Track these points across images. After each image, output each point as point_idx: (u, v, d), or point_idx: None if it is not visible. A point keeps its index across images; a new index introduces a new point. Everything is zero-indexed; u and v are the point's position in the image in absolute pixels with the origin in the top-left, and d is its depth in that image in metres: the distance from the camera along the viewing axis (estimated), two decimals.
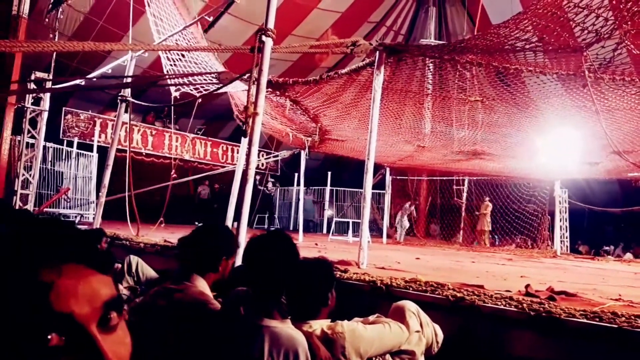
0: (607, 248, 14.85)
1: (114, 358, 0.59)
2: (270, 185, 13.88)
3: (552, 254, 10.17)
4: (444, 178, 13.84)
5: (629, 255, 13.01)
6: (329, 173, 15.36)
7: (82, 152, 12.14)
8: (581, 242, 15.14)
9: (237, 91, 8.00)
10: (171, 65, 7.60)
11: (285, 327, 1.77)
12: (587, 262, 9.03)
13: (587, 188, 13.02)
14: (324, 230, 14.77)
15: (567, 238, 11.95)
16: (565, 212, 11.66)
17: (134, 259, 4.01)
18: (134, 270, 3.91)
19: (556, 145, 6.43)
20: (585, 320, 2.31)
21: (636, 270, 6.08)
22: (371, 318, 2.29)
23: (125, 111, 7.62)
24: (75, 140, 12.36)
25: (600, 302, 2.86)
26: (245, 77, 5.49)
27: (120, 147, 8.36)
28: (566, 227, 11.78)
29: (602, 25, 3.79)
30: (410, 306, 2.37)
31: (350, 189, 16.56)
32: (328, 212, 16.07)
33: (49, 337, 0.54)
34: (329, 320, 2.13)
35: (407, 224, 13.30)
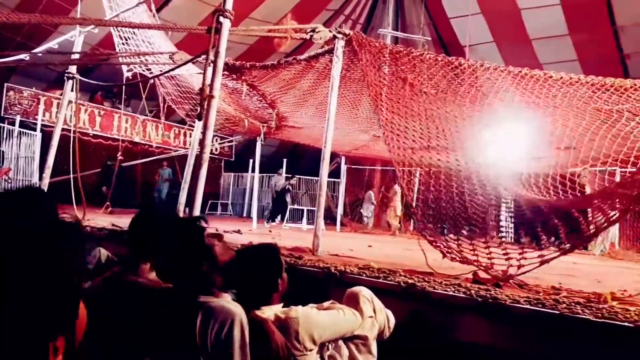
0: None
1: None
2: (293, 181, 13.80)
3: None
4: (411, 169, 14.04)
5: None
6: (284, 160, 15.30)
7: (24, 131, 11.51)
8: (523, 233, 15.83)
9: (188, 74, 7.79)
10: (123, 43, 7.31)
11: (219, 301, 1.78)
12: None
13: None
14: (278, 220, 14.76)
15: (511, 229, 12.46)
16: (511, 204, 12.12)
17: (104, 251, 3.83)
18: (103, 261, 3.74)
19: (503, 139, 6.66)
20: (528, 307, 2.43)
21: (574, 261, 6.43)
22: (325, 304, 2.31)
23: (72, 89, 7.26)
24: (18, 118, 11.69)
25: (545, 289, 3.01)
26: (201, 58, 5.36)
27: (65, 126, 7.97)
28: (511, 218, 12.26)
29: None
30: (364, 292, 2.41)
31: (306, 177, 16.57)
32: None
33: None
34: (282, 305, 2.14)
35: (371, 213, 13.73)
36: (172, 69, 6.35)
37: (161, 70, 7.21)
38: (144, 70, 7.64)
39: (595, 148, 4.61)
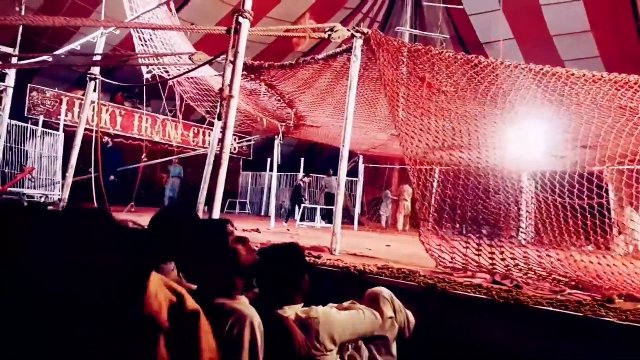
0: None
1: None
2: (306, 179, 13.77)
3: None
4: (418, 167, 13.99)
5: None
6: (302, 159, 15.31)
7: (47, 130, 11.74)
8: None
9: (207, 75, 7.86)
10: (142, 45, 7.40)
11: (233, 303, 1.79)
12: None
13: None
14: (296, 217, 14.83)
15: (531, 229, 12.29)
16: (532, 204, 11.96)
17: None
18: None
19: (525, 137, 6.57)
20: (551, 308, 2.39)
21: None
22: (345, 304, 2.31)
23: (94, 90, 7.39)
24: (41, 118, 11.92)
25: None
26: (220, 58, 5.40)
27: (87, 126, 8.11)
28: (532, 217, 12.11)
29: None
30: (384, 293, 2.41)
31: (323, 176, 16.57)
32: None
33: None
34: (302, 305, 2.15)
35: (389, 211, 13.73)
36: (191, 70, 6.41)
37: (180, 71, 7.28)
38: (162, 72, 7.73)
39: (621, 145, 4.52)
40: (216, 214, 4.03)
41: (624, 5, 11.71)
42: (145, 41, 7.35)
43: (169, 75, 7.82)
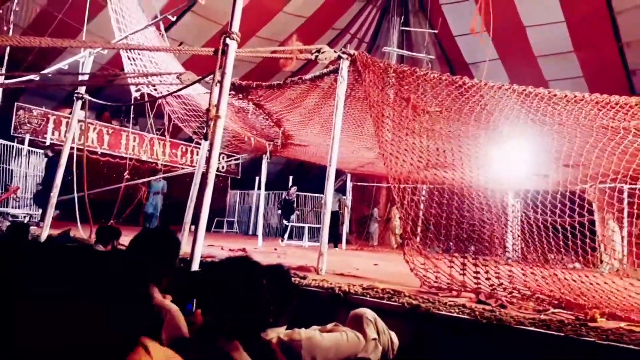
0: None
1: None
2: (292, 190, 13.49)
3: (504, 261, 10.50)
4: (402, 186, 14.07)
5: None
6: (290, 178, 15.33)
7: (33, 149, 11.64)
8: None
9: (195, 93, 7.88)
10: (131, 64, 7.43)
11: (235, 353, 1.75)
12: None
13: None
14: (286, 235, 14.79)
15: (518, 247, 12.36)
16: (519, 221, 12.07)
17: None
18: None
19: (509, 156, 6.66)
20: (533, 328, 2.40)
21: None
22: (329, 326, 2.30)
23: (82, 109, 7.37)
24: (27, 137, 11.84)
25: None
26: (208, 78, 5.43)
27: (74, 145, 8.07)
28: (517, 235, 12.19)
29: None
30: (368, 314, 2.40)
31: (312, 194, 16.58)
32: None
33: None
34: (285, 327, 2.14)
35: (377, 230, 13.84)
36: (179, 90, 6.43)
37: (168, 90, 7.31)
38: (151, 90, 7.75)
39: (604, 165, 4.60)
40: (201, 234, 4.00)
41: (606, 27, 12.02)
42: (134, 60, 7.37)
43: (158, 93, 7.83)
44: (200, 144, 7.16)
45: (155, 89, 7.86)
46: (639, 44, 12.07)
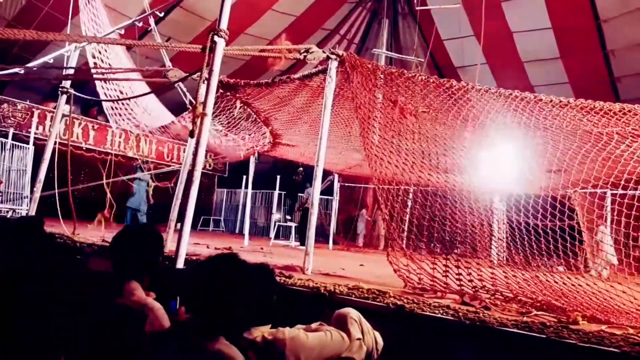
0: None
1: None
2: (300, 170, 12.57)
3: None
4: (390, 187, 14.13)
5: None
6: (278, 177, 15.29)
7: (17, 143, 11.46)
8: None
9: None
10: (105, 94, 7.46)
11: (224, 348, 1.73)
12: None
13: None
14: (271, 234, 14.75)
15: (504, 248, 12.48)
16: (504, 224, 12.18)
17: None
18: None
19: (493, 159, 6.72)
20: (515, 330, 2.43)
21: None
22: (313, 326, 2.30)
23: (67, 103, 7.27)
24: (11, 131, 11.64)
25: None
26: (195, 75, 5.40)
27: (58, 139, 7.96)
28: (504, 238, 12.31)
29: None
30: (352, 314, 2.40)
31: (300, 194, 16.54)
32: (275, 215, 16.00)
33: None
34: (270, 326, 2.13)
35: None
36: (171, 83, 6.38)
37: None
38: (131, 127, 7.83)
39: (586, 170, 4.66)
40: (186, 231, 3.98)
41: (592, 35, 12.21)
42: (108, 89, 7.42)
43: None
44: (187, 141, 7.11)
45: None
46: (623, 52, 12.28)
